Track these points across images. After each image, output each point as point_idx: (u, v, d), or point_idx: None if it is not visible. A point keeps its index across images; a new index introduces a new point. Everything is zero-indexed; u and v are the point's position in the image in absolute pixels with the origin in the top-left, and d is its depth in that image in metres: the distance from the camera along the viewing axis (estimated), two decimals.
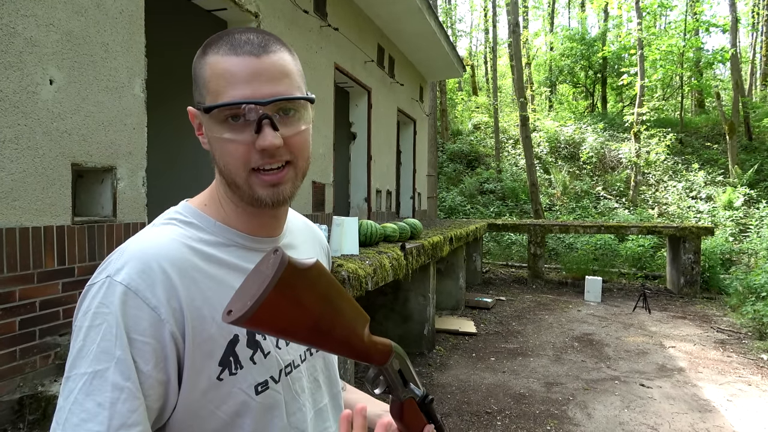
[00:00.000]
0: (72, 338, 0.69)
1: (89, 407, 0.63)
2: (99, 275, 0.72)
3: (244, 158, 0.74)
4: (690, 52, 17.73)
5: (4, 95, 2.15)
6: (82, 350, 0.66)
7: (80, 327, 0.68)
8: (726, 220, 12.93)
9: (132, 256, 0.71)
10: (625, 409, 4.16)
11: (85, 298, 0.71)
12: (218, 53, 0.75)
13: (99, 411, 0.63)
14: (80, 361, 0.66)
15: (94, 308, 0.68)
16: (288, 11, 4.94)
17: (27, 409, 2.20)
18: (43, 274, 2.33)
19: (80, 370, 0.65)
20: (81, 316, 0.69)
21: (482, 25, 31.15)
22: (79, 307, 0.71)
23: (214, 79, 0.74)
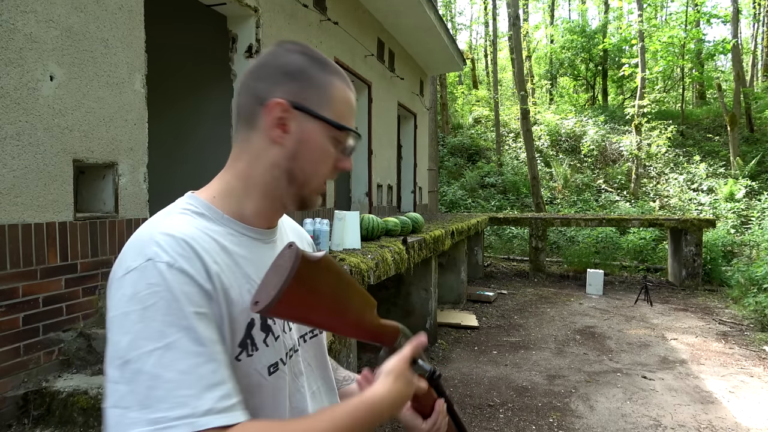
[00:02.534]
0: (115, 327, 0.68)
1: (171, 377, 0.63)
2: (134, 261, 0.70)
3: (329, 171, 0.86)
4: (691, 44, 17.65)
5: (5, 92, 2.15)
6: (143, 330, 0.65)
7: (129, 312, 0.67)
8: (728, 212, 12.91)
9: (166, 239, 0.72)
10: (627, 401, 4.17)
11: (124, 285, 0.69)
12: (340, 80, 0.85)
13: (183, 378, 0.64)
14: (143, 340, 0.65)
15: (144, 290, 0.67)
16: (287, 5, 4.92)
17: (31, 405, 2.21)
18: (46, 270, 2.33)
19: (147, 347, 0.64)
20: (127, 301, 0.68)
21: (482, 18, 31.02)
22: (116, 295, 0.69)
23: (341, 103, 0.84)
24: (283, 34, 4.85)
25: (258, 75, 0.83)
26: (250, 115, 0.83)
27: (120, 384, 0.64)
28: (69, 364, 2.44)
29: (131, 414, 0.62)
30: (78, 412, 2.15)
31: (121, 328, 0.67)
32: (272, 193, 0.84)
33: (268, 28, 4.57)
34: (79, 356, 2.44)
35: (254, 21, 4.39)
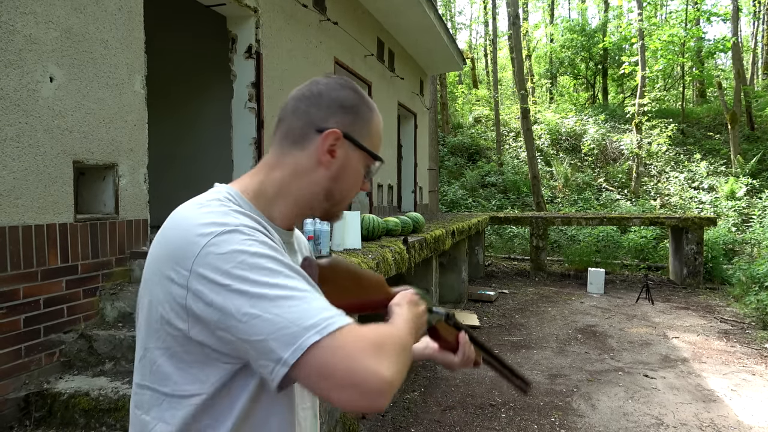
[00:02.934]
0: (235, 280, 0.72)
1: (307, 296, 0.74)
2: (215, 228, 0.76)
3: (355, 192, 0.99)
4: (691, 42, 17.64)
5: (5, 93, 2.15)
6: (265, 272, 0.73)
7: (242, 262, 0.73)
8: (728, 211, 12.90)
9: (230, 218, 0.79)
10: (629, 400, 4.17)
11: (220, 245, 0.75)
12: (377, 116, 1.00)
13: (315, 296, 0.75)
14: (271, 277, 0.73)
15: (245, 244, 0.75)
16: (287, 6, 4.92)
17: (33, 407, 2.21)
18: (47, 271, 2.33)
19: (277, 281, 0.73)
20: (232, 256, 0.74)
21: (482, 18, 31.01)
22: (210, 258, 0.74)
23: (377, 136, 1.00)
24: (282, 35, 4.85)
25: (314, 103, 0.93)
26: (300, 137, 0.92)
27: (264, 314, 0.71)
28: (70, 366, 2.44)
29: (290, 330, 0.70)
30: (79, 413, 2.15)
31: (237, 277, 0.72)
32: (306, 205, 0.95)
33: (267, 29, 4.57)
34: (80, 358, 2.44)
35: (254, 21, 4.39)
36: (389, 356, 0.75)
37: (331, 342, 0.70)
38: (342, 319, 0.73)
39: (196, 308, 0.75)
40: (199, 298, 0.74)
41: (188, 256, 0.75)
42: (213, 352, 0.78)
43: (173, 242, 0.79)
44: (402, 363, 0.78)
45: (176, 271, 0.77)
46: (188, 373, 0.80)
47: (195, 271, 0.75)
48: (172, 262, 0.77)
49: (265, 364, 0.71)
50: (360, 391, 0.70)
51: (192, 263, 0.75)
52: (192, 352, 0.79)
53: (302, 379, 0.71)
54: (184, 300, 0.76)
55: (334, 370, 0.70)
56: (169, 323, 0.79)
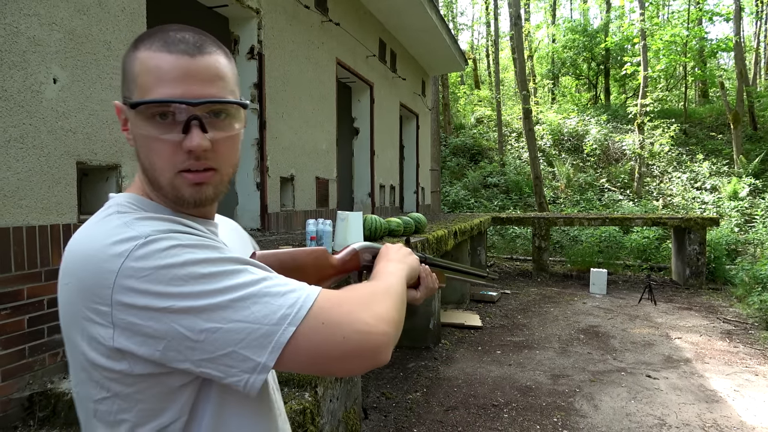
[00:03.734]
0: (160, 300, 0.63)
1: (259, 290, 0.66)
2: (124, 245, 0.65)
3: (171, 159, 0.73)
4: (693, 42, 17.61)
5: (9, 95, 2.16)
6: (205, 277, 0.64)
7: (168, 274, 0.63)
8: (731, 211, 12.88)
9: (138, 228, 0.68)
10: (631, 401, 4.16)
11: (139, 261, 0.63)
12: (150, 49, 0.73)
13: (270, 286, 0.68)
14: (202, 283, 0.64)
15: (165, 254, 0.64)
16: (289, 7, 4.93)
17: (37, 407, 2.22)
18: (51, 272, 2.34)
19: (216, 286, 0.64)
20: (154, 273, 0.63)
21: (484, 18, 31.00)
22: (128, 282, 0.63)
23: (144, 74, 0.72)
24: (284, 36, 4.86)
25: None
26: None
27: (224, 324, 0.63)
28: None
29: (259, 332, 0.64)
30: None
31: (175, 296, 0.63)
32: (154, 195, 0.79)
33: (269, 30, 4.58)
34: None
35: (256, 22, 4.40)
36: (380, 310, 0.71)
37: (309, 324, 0.65)
38: (310, 294, 0.67)
39: (131, 344, 0.64)
40: (131, 331, 0.63)
41: (103, 286, 0.63)
42: (165, 377, 0.68)
43: (80, 277, 0.66)
44: (394, 309, 0.74)
45: (93, 310, 0.64)
46: (151, 410, 0.69)
47: (117, 301, 0.63)
48: (85, 300, 0.65)
49: (237, 378, 0.64)
50: (359, 356, 0.67)
51: (111, 294, 0.63)
52: (143, 389, 0.68)
53: (291, 368, 0.67)
54: (112, 341, 0.64)
55: (327, 347, 0.65)
56: (106, 370, 0.67)
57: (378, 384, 4.51)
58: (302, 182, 5.30)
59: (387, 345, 0.69)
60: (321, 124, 5.71)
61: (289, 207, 5.08)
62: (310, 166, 5.47)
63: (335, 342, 0.66)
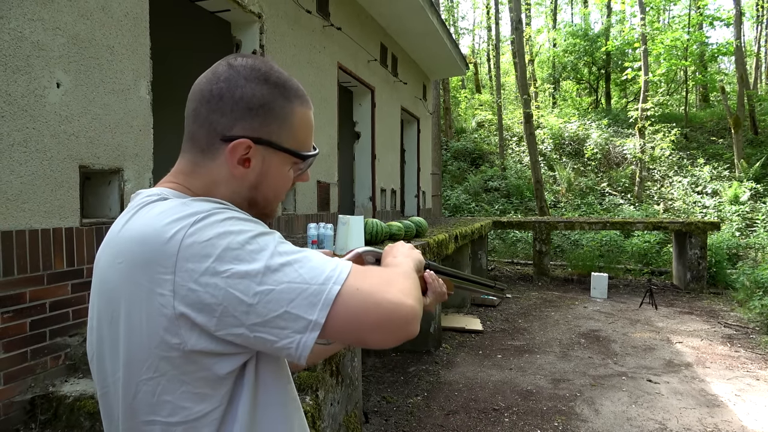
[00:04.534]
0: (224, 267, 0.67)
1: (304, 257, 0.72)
2: (187, 219, 0.69)
3: (287, 191, 0.89)
4: (694, 46, 17.64)
5: (13, 99, 2.17)
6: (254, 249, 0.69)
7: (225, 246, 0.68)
8: (732, 215, 12.87)
9: (195, 206, 0.73)
10: (632, 405, 4.16)
11: (198, 236, 0.68)
12: (301, 104, 0.85)
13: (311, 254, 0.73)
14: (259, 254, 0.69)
15: (223, 226, 0.70)
16: (291, 11, 4.95)
17: (38, 410, 2.23)
18: (53, 275, 2.35)
19: (265, 254, 0.69)
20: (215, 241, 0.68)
21: (485, 23, 31.06)
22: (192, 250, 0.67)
23: (303, 129, 0.86)
24: (286, 40, 4.88)
25: (216, 107, 0.80)
26: (208, 147, 0.81)
27: (277, 286, 0.68)
28: (75, 369, 2.45)
29: (309, 290, 0.68)
30: (84, 416, 2.16)
31: (232, 260, 0.67)
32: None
33: (271, 34, 4.60)
34: (85, 361, 2.46)
35: (258, 27, 4.42)
36: (402, 287, 0.75)
37: (349, 288, 0.69)
38: (347, 264, 0.73)
39: (191, 311, 0.67)
40: (193, 298, 0.66)
41: (167, 256, 0.67)
42: (215, 360, 0.71)
43: (140, 252, 0.69)
44: (414, 288, 0.80)
45: (156, 280, 0.67)
46: (194, 394, 0.72)
47: (181, 268, 0.66)
48: (147, 272, 0.68)
49: (290, 340, 0.67)
50: (392, 324, 0.71)
51: (175, 262, 0.66)
52: (191, 371, 0.70)
53: (334, 333, 0.70)
54: (172, 309, 0.67)
55: (363, 313, 0.69)
56: (159, 345, 0.69)
57: (379, 388, 4.51)
58: (303, 186, 5.31)
59: (415, 317, 0.73)
60: (322, 127, 5.73)
61: (291, 211, 5.09)
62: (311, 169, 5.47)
63: (370, 308, 0.70)
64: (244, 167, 0.81)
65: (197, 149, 0.83)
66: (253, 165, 0.82)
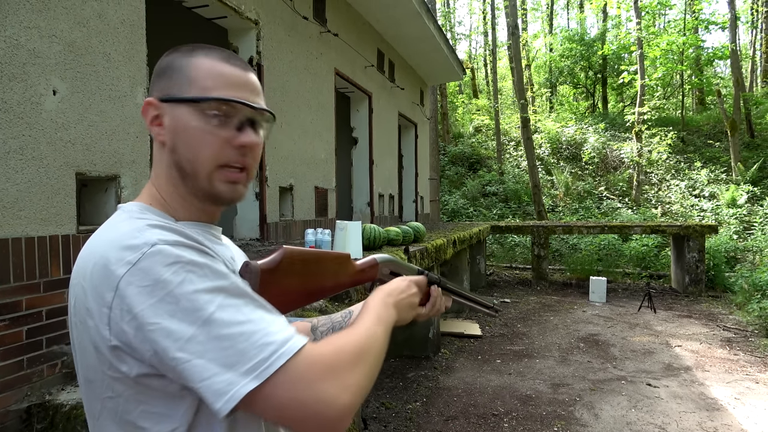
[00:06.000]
0: (153, 318, 0.64)
1: (240, 330, 0.65)
2: (133, 253, 0.67)
3: (217, 152, 0.79)
4: (689, 50, 17.73)
5: (9, 106, 2.17)
6: (188, 306, 0.64)
7: (162, 297, 0.65)
8: (730, 218, 12.89)
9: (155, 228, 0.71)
10: (632, 409, 4.15)
11: (138, 277, 0.65)
12: (209, 57, 0.81)
13: (250, 325, 0.66)
14: (194, 314, 0.64)
15: (167, 272, 0.66)
16: (288, 18, 4.96)
17: (35, 419, 2.21)
18: (50, 283, 2.34)
19: (201, 318, 0.64)
20: (152, 290, 0.65)
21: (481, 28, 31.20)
22: (131, 291, 0.65)
23: (205, 77, 0.79)
24: (283, 47, 4.89)
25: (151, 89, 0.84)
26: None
27: (194, 359, 0.63)
28: (72, 377, 2.44)
29: (223, 377, 0.63)
30: (81, 425, 2.14)
31: (161, 315, 0.64)
32: (181, 195, 0.83)
33: (268, 41, 4.61)
34: None
35: (255, 34, 4.43)
36: (348, 379, 0.69)
37: (277, 380, 0.64)
38: (288, 350, 0.66)
39: (124, 347, 0.67)
40: (124, 338, 0.66)
41: (108, 289, 0.67)
42: (162, 381, 0.69)
43: (90, 277, 0.69)
44: (366, 376, 0.73)
45: (98, 311, 0.68)
46: (152, 413, 0.71)
47: (117, 306, 0.66)
48: (93, 299, 0.69)
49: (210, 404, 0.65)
50: (313, 424, 0.66)
51: (113, 298, 0.66)
52: (144, 390, 0.70)
53: (252, 412, 0.67)
54: (109, 340, 0.68)
55: (283, 407, 0.65)
56: (110, 368, 0.70)
57: (377, 394, 4.50)
58: (301, 192, 5.31)
59: (347, 417, 0.68)
60: (320, 133, 5.73)
61: (288, 217, 5.08)
62: (309, 175, 5.48)
63: (296, 405, 0.65)
64: (159, 128, 0.81)
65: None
66: (165, 124, 0.80)
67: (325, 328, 1.12)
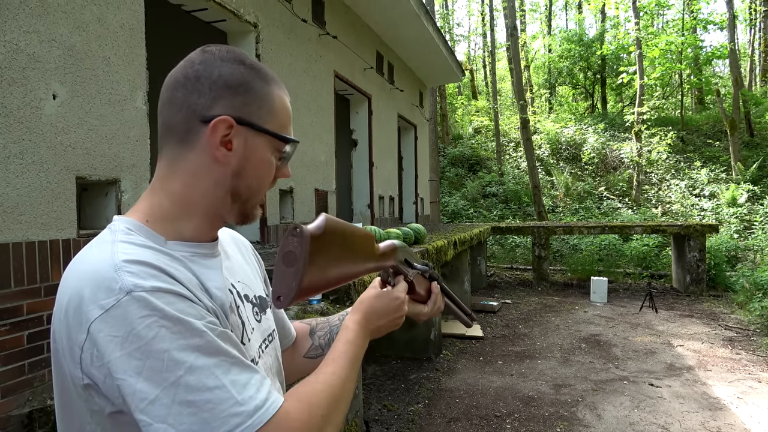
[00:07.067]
0: (121, 372, 0.62)
1: (207, 397, 0.62)
2: (108, 298, 0.64)
3: (268, 184, 0.83)
4: (688, 50, 17.75)
5: (9, 111, 2.17)
6: (156, 366, 0.62)
7: (131, 352, 0.62)
8: (730, 217, 12.89)
9: (133, 266, 0.67)
10: (634, 409, 4.14)
11: (111, 326, 0.63)
12: (280, 89, 0.83)
13: (218, 393, 0.63)
14: (160, 375, 0.62)
15: (139, 325, 0.62)
16: (287, 21, 4.97)
17: (36, 423, 2.21)
18: (50, 287, 2.34)
19: (169, 380, 0.62)
20: (122, 343, 0.62)
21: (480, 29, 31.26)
22: (103, 339, 0.63)
23: (282, 113, 0.82)
24: (282, 49, 4.90)
25: (193, 89, 0.76)
26: (186, 133, 0.77)
27: (155, 423, 0.61)
28: None
29: None
30: None
31: (128, 371, 0.62)
32: (214, 212, 0.80)
33: (267, 44, 4.62)
34: None
35: (254, 36, 4.44)
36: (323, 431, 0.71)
37: None
38: (259, 417, 0.63)
39: (94, 387, 0.65)
40: (93, 380, 0.65)
41: (80, 331, 0.64)
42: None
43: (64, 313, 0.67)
44: (338, 423, 0.75)
45: (71, 348, 0.66)
46: None
47: (87, 349, 0.64)
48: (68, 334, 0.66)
49: None
50: None
51: (84, 340, 0.64)
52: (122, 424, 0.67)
53: None
54: (81, 379, 0.66)
55: None
56: (87, 400, 0.68)
57: (379, 396, 4.49)
58: (301, 194, 5.31)
59: None
60: (319, 136, 5.73)
61: (289, 219, 5.08)
62: (309, 178, 5.48)
63: None
64: (226, 149, 0.76)
65: (175, 140, 0.78)
66: (235, 147, 0.77)
67: (323, 332, 1.12)
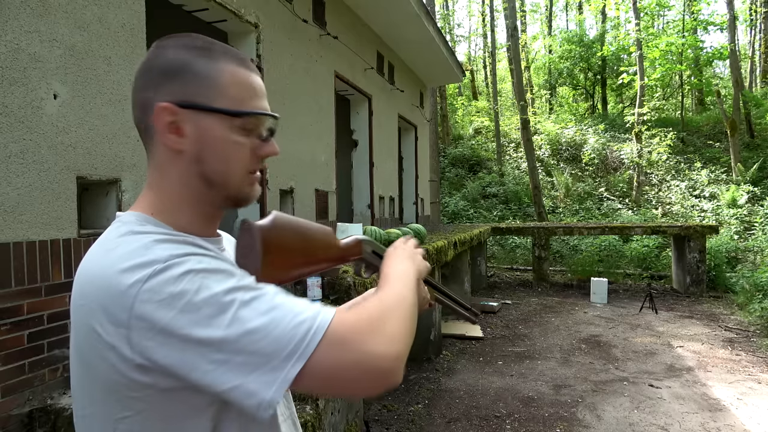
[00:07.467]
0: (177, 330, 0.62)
1: (271, 318, 0.64)
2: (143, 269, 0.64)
3: (247, 163, 0.79)
4: (688, 50, 17.75)
5: (10, 111, 2.17)
6: (211, 311, 0.63)
7: (182, 308, 0.63)
8: (730, 218, 12.89)
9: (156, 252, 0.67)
10: (634, 410, 4.14)
11: (156, 291, 0.63)
12: (231, 62, 0.78)
13: (279, 311, 0.65)
14: (218, 318, 0.63)
15: (183, 283, 0.64)
16: (287, 21, 4.97)
17: (36, 423, 2.21)
18: (51, 287, 2.34)
19: (226, 318, 0.63)
20: (171, 303, 0.63)
21: (481, 30, 31.25)
22: (148, 308, 0.63)
23: (236, 87, 0.77)
24: (283, 50, 4.90)
25: (142, 84, 0.77)
26: (146, 129, 0.78)
27: (233, 358, 0.62)
28: None
29: (267, 367, 0.62)
30: None
31: (186, 326, 0.62)
32: (197, 202, 0.79)
33: (268, 44, 4.62)
34: None
35: (255, 37, 4.44)
36: (393, 329, 0.70)
37: (321, 351, 0.64)
38: (323, 321, 0.65)
39: (150, 363, 0.65)
40: (149, 354, 0.64)
41: (122, 309, 0.64)
42: (191, 395, 0.68)
43: (99, 298, 0.66)
44: (405, 325, 0.73)
45: (112, 331, 0.65)
46: (176, 428, 0.70)
47: (135, 326, 0.63)
48: (106, 320, 0.65)
49: (248, 406, 0.63)
50: (370, 380, 0.66)
51: (129, 318, 0.63)
52: (170, 407, 0.69)
53: (302, 391, 0.67)
54: (131, 360, 0.65)
55: (334, 376, 0.65)
56: (131, 386, 0.67)
57: (379, 396, 4.49)
58: (302, 195, 5.31)
59: (399, 367, 0.69)
60: (320, 136, 5.73)
61: None
62: (309, 178, 5.48)
63: (348, 367, 0.65)
64: (177, 136, 0.75)
65: (145, 138, 0.79)
66: (188, 132, 0.75)
67: None
